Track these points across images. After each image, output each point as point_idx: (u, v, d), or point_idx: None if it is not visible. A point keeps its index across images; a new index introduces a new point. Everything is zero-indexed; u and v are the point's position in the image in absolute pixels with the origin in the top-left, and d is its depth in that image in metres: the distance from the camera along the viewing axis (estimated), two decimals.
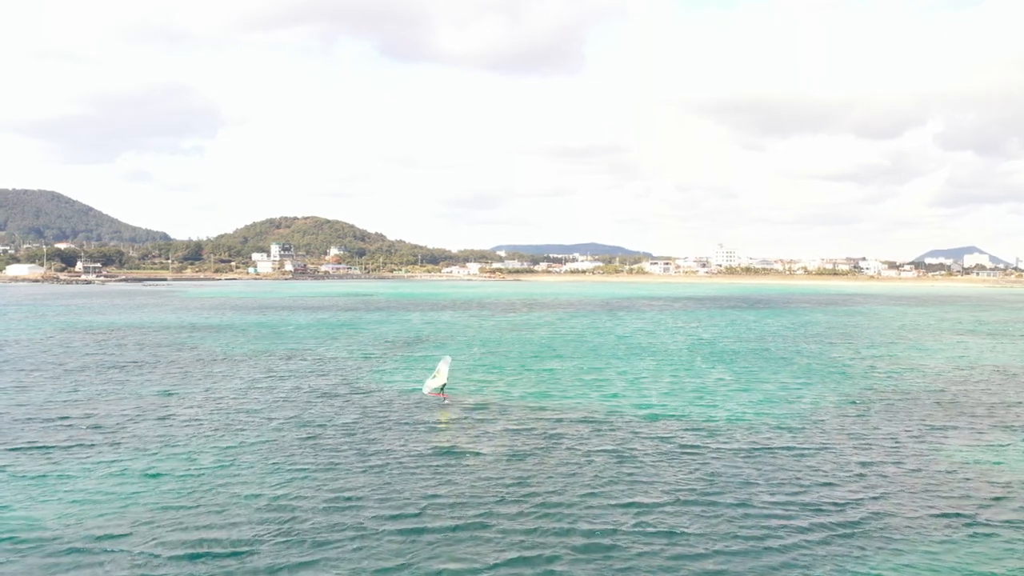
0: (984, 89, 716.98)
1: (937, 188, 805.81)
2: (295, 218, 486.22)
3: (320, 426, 27.44)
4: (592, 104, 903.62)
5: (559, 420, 28.85)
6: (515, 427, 27.62)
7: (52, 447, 24.05)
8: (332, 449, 24.12)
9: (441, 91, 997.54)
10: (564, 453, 23.87)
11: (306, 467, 22.04)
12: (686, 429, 27.50)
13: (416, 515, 18.11)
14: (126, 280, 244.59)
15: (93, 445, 24.39)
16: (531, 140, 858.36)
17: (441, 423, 28.24)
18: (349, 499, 19.20)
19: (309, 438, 25.57)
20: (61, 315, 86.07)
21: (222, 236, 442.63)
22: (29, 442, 24.66)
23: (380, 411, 30.37)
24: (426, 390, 32.81)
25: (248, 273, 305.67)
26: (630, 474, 21.51)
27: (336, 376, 39.79)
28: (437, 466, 22.34)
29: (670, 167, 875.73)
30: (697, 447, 24.81)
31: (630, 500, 19.19)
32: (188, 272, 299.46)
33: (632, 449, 24.43)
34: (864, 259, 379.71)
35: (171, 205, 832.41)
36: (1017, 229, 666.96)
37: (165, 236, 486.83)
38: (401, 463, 22.58)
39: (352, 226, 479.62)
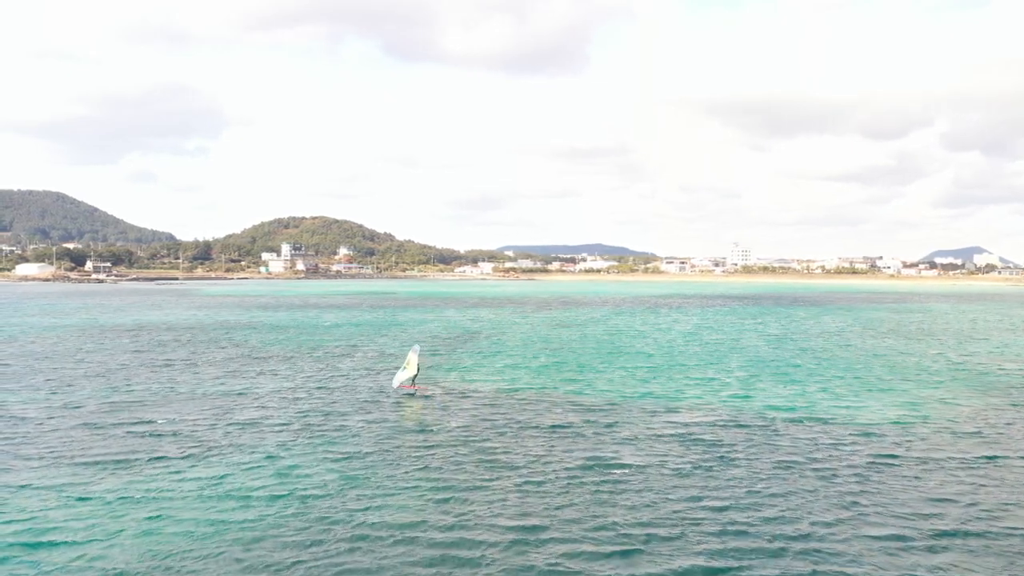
0: (991, 89, 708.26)
1: (942, 189, 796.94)
2: (303, 218, 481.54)
3: (430, 432, 23.28)
4: (597, 105, 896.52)
5: (707, 424, 24.65)
6: (656, 432, 23.43)
7: (125, 460, 19.95)
8: (461, 463, 19.97)
9: (446, 91, 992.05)
10: (742, 467, 19.68)
11: (441, 486, 17.90)
12: (862, 435, 23.31)
13: (628, 555, 13.96)
14: (137, 279, 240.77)
15: (169, 458, 20.28)
16: (535, 141, 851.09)
17: (570, 427, 24.02)
18: (524, 533, 15.07)
19: (425, 448, 21.40)
20: (83, 313, 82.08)
21: (230, 236, 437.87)
22: (97, 454, 20.57)
23: (487, 413, 26.19)
24: (396, 383, 29.94)
25: (260, 272, 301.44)
26: (874, 496, 17.31)
27: (421, 377, 35.54)
28: (601, 484, 18.20)
29: (675, 168, 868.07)
30: (897, 457, 20.64)
31: (915, 537, 14.99)
32: (199, 272, 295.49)
33: (825, 461, 20.24)
34: (881, 258, 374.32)
35: (175, 206, 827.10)
36: (1021, 230, 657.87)
37: (171, 236, 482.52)
38: (557, 481, 18.44)
39: (361, 226, 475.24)
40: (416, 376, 29.89)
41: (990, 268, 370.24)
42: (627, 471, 19.22)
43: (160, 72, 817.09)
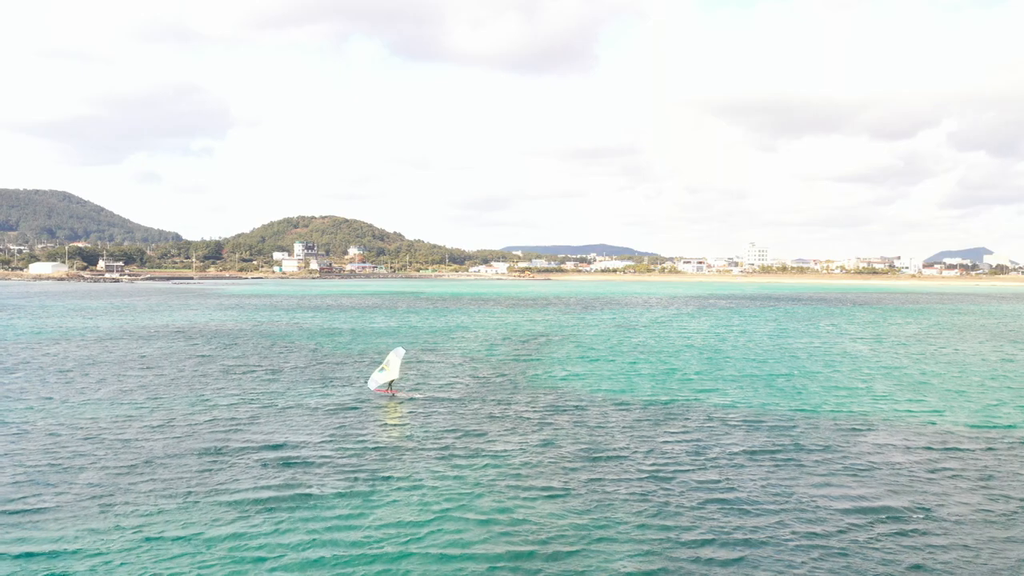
0: (999, 89, 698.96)
1: (949, 189, 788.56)
2: (313, 217, 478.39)
3: (618, 458, 19.32)
4: (605, 105, 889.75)
5: (937, 449, 20.70)
6: (886, 460, 19.50)
7: (268, 498, 16.11)
8: (689, 503, 16.11)
9: (454, 91, 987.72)
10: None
11: (691, 542, 14.03)
12: None
13: None
14: (152, 279, 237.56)
15: (319, 495, 16.44)
16: (543, 141, 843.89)
17: (775, 452, 20.08)
18: None
19: (631, 482, 17.50)
20: (115, 314, 78.37)
21: (240, 235, 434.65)
22: (230, 490, 16.69)
23: (658, 433, 22.22)
24: (372, 385, 27.85)
25: (273, 272, 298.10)
26: None
27: (535, 385, 31.62)
28: (901, 536, 14.36)
29: (682, 169, 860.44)
30: None
31: None
32: (212, 271, 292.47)
33: None
34: (899, 258, 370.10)
35: (180, 206, 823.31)
36: None
37: (177, 236, 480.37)
38: (841, 531, 14.58)
39: (371, 225, 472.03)
40: (394, 381, 28.15)
41: (1003, 269, 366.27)
42: (915, 516, 15.29)
43: (169, 72, 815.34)
